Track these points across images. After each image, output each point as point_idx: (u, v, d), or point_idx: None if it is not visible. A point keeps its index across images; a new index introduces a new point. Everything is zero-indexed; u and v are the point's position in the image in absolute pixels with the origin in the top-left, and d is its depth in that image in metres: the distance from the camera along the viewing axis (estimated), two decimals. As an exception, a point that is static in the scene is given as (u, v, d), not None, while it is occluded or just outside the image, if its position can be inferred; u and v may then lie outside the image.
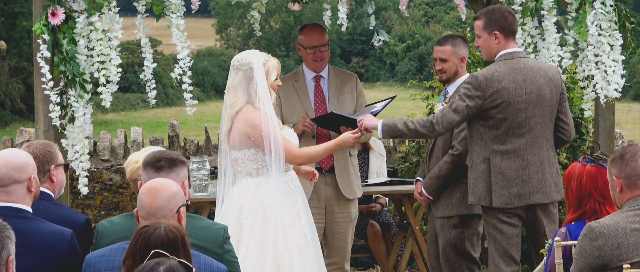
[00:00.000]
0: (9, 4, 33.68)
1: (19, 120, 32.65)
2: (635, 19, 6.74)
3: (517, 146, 6.09)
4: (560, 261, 4.97)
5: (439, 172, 6.66)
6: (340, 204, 7.03)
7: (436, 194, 6.73)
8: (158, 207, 4.20)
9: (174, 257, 3.62)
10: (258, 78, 5.81)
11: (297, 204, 5.92)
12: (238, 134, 5.80)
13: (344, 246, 7.12)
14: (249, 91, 5.80)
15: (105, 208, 9.58)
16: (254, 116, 5.76)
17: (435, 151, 6.77)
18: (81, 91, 6.50)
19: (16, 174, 4.51)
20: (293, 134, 6.07)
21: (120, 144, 9.80)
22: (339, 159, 7.02)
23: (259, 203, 5.77)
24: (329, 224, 7.04)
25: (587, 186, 5.11)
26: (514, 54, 6.18)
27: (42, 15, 6.43)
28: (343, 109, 7.00)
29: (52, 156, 4.98)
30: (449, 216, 6.69)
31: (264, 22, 44.89)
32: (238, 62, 5.87)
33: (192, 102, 6.50)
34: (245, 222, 5.73)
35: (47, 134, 6.62)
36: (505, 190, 6.07)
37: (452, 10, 50.16)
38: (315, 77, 7.10)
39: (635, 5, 7.26)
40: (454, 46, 6.72)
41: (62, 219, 4.78)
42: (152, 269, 3.50)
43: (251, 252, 5.71)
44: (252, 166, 5.82)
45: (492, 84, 6.04)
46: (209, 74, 45.59)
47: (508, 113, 6.06)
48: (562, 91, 6.27)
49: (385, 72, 50.96)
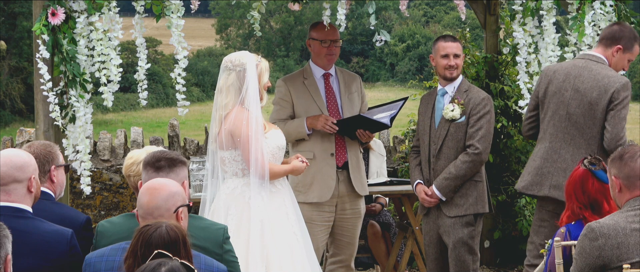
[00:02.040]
0: (9, 4, 33.69)
1: (19, 120, 32.66)
2: (635, 19, 6.74)
3: None
4: (560, 261, 4.97)
5: (458, 172, 6.66)
6: (351, 201, 7.04)
7: (452, 194, 6.73)
8: (155, 206, 4.21)
9: (176, 258, 3.62)
10: (250, 79, 5.83)
11: (285, 203, 5.94)
12: (225, 134, 5.84)
13: (352, 244, 7.12)
14: (241, 93, 5.83)
15: (105, 208, 9.58)
16: (242, 117, 5.79)
17: (445, 152, 6.74)
18: (82, 91, 6.50)
19: (16, 173, 4.51)
20: (280, 136, 6.06)
21: (120, 144, 9.80)
22: (352, 155, 7.03)
23: (245, 204, 5.81)
24: (338, 221, 7.03)
25: (569, 189, 5.16)
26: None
27: (42, 15, 6.43)
28: (353, 107, 7.03)
29: (52, 156, 4.99)
30: (465, 214, 6.71)
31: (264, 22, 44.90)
32: (231, 62, 5.89)
33: (184, 103, 6.52)
34: (231, 224, 5.75)
35: (47, 134, 6.62)
36: None
37: (452, 10, 50.16)
38: (324, 75, 7.10)
39: (635, 5, 7.26)
40: (460, 44, 6.85)
41: (63, 218, 4.78)
42: (154, 269, 3.49)
43: (238, 253, 5.72)
44: (237, 166, 5.86)
45: None
46: (209, 74, 45.58)
47: None
48: None
49: (385, 72, 50.97)
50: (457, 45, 6.76)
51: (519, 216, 8.70)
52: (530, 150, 8.78)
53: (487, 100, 6.73)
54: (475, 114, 6.67)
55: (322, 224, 6.91)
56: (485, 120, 6.68)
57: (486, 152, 6.68)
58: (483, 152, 6.63)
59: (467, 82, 6.83)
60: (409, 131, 9.59)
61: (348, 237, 7.09)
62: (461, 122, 6.69)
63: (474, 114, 6.67)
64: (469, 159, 6.64)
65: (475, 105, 6.68)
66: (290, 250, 5.81)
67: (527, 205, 8.68)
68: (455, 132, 6.69)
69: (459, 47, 6.77)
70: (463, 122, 6.68)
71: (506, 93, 8.72)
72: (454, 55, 6.72)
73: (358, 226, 7.13)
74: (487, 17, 8.81)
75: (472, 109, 6.67)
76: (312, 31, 7.10)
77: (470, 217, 6.73)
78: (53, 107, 6.47)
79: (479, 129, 6.62)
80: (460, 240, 6.70)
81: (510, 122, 8.91)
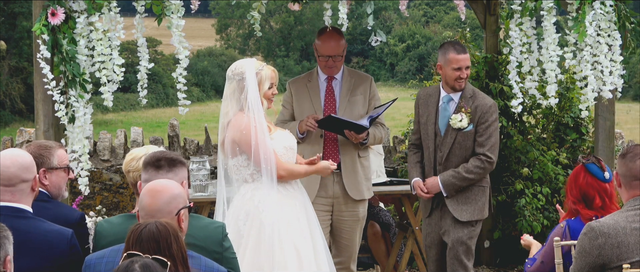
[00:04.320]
0: (9, 4, 33.66)
1: (19, 120, 32.64)
2: (635, 19, 6.74)
3: None
4: (560, 261, 4.98)
5: (467, 175, 6.73)
6: (348, 204, 7.03)
7: (453, 193, 6.78)
8: (157, 208, 4.21)
9: (147, 255, 3.65)
10: (249, 88, 5.87)
11: (296, 206, 5.95)
12: (228, 142, 5.90)
13: (351, 246, 7.12)
14: (240, 101, 5.89)
15: (105, 208, 9.59)
16: (241, 123, 5.84)
17: (452, 160, 6.78)
18: (81, 91, 6.50)
19: (24, 173, 4.53)
20: (288, 136, 6.10)
21: (120, 144, 9.81)
22: (346, 159, 7.02)
23: (255, 208, 5.84)
24: (336, 223, 7.04)
25: (566, 185, 5.24)
26: None
27: (42, 15, 6.43)
28: (353, 110, 7.01)
29: (43, 160, 4.96)
30: (473, 220, 6.78)
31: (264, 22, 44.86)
32: (232, 72, 5.96)
33: (184, 102, 6.52)
34: (243, 228, 5.81)
35: (47, 134, 6.62)
36: None
37: (452, 10, 50.15)
38: (328, 78, 7.12)
39: (635, 5, 7.25)
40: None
41: (56, 216, 4.77)
42: (127, 267, 3.52)
43: (247, 256, 5.75)
44: (245, 172, 5.90)
45: None
46: (209, 74, 45.57)
47: None
48: None
49: (385, 72, 50.96)
50: (467, 57, 6.80)
51: (519, 216, 8.70)
52: (530, 150, 8.79)
53: (494, 107, 6.80)
54: (483, 122, 6.72)
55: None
56: (494, 128, 6.76)
57: (496, 161, 6.79)
58: (495, 161, 6.77)
59: (470, 86, 6.85)
60: (409, 131, 9.59)
61: (346, 239, 7.09)
62: (469, 131, 6.72)
63: (482, 122, 6.71)
64: (482, 165, 6.73)
65: (483, 114, 6.72)
66: (297, 254, 5.82)
67: (527, 205, 8.68)
68: (463, 140, 6.74)
69: (469, 59, 6.82)
70: (471, 130, 6.72)
71: (506, 93, 8.72)
72: (466, 67, 6.77)
73: (356, 229, 7.10)
74: (487, 17, 8.81)
75: (480, 117, 6.71)
76: (317, 39, 7.12)
77: (473, 220, 6.79)
78: (58, 107, 6.47)
79: (489, 137, 6.72)
80: (459, 239, 6.74)
81: (510, 122, 8.91)
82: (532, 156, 8.78)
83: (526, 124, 9.10)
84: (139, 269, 3.51)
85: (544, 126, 9.24)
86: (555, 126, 9.19)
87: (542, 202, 8.71)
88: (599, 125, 6.99)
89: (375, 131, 7.00)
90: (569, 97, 8.92)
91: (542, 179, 8.84)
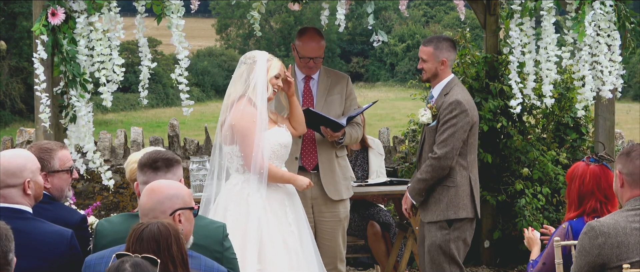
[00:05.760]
0: (9, 4, 33.69)
1: (19, 120, 32.66)
2: (635, 19, 6.74)
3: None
4: (560, 260, 4.98)
5: (420, 175, 6.69)
6: (328, 204, 7.00)
7: (420, 198, 6.75)
8: (150, 208, 4.23)
9: (137, 254, 3.68)
10: (259, 70, 6.07)
11: (284, 201, 6.07)
12: (226, 128, 6.02)
13: (334, 247, 7.06)
14: (248, 82, 6.05)
15: (105, 208, 9.59)
16: (243, 114, 5.95)
17: (424, 157, 6.78)
18: (82, 91, 6.50)
19: (8, 179, 4.53)
20: (283, 133, 6.18)
21: (120, 144, 9.81)
22: (323, 159, 7.00)
23: (243, 201, 5.96)
24: (318, 224, 7.00)
25: (589, 185, 5.16)
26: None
27: (42, 16, 6.43)
28: (331, 109, 7.00)
29: (43, 164, 4.93)
30: (438, 220, 6.69)
31: (264, 22, 44.90)
32: (245, 57, 6.19)
33: (188, 102, 6.53)
34: (230, 219, 5.87)
35: (47, 134, 6.62)
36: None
37: (452, 10, 50.17)
38: (306, 78, 7.11)
39: (635, 5, 7.26)
40: (436, 48, 6.71)
41: (56, 218, 4.77)
42: (118, 267, 3.54)
43: (235, 249, 5.77)
44: (239, 162, 6.03)
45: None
46: (209, 74, 45.60)
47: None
48: None
49: (385, 72, 50.99)
50: (425, 50, 6.74)
51: (519, 216, 8.70)
52: (530, 150, 8.79)
53: (455, 104, 6.62)
54: (441, 118, 6.65)
55: None
56: (450, 124, 6.59)
57: (447, 157, 6.58)
58: (442, 157, 6.57)
59: (452, 84, 6.75)
60: (409, 131, 9.59)
61: (328, 240, 7.03)
62: (433, 127, 6.69)
63: (441, 119, 6.65)
64: (428, 163, 6.65)
65: (443, 110, 6.65)
66: (286, 248, 5.89)
67: (527, 205, 8.68)
68: (429, 137, 6.72)
69: (427, 51, 6.72)
70: (434, 126, 6.68)
71: (506, 93, 8.72)
72: (421, 59, 6.76)
73: (337, 229, 7.05)
74: (487, 17, 8.81)
75: (441, 113, 6.67)
76: (297, 39, 7.08)
77: (443, 222, 6.68)
78: (43, 109, 6.47)
79: (441, 133, 6.62)
80: (433, 243, 6.68)
81: (510, 122, 8.91)
82: (532, 156, 8.78)
83: (526, 124, 9.10)
84: (130, 268, 3.54)
85: (544, 126, 9.24)
86: (555, 126, 9.19)
87: (542, 202, 8.71)
88: (599, 125, 6.99)
89: (351, 131, 7.00)
90: (569, 97, 8.92)
91: (542, 179, 8.84)
